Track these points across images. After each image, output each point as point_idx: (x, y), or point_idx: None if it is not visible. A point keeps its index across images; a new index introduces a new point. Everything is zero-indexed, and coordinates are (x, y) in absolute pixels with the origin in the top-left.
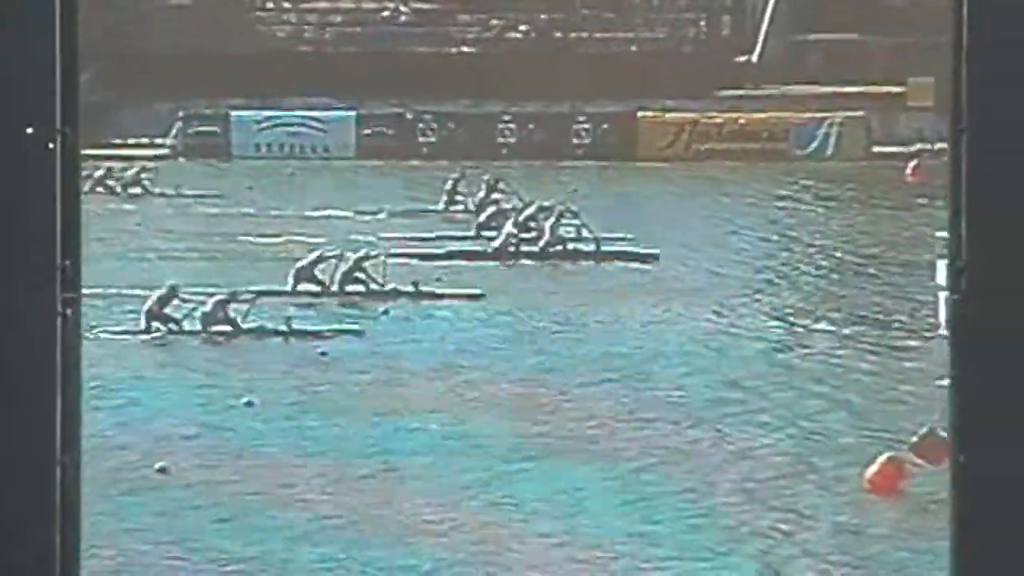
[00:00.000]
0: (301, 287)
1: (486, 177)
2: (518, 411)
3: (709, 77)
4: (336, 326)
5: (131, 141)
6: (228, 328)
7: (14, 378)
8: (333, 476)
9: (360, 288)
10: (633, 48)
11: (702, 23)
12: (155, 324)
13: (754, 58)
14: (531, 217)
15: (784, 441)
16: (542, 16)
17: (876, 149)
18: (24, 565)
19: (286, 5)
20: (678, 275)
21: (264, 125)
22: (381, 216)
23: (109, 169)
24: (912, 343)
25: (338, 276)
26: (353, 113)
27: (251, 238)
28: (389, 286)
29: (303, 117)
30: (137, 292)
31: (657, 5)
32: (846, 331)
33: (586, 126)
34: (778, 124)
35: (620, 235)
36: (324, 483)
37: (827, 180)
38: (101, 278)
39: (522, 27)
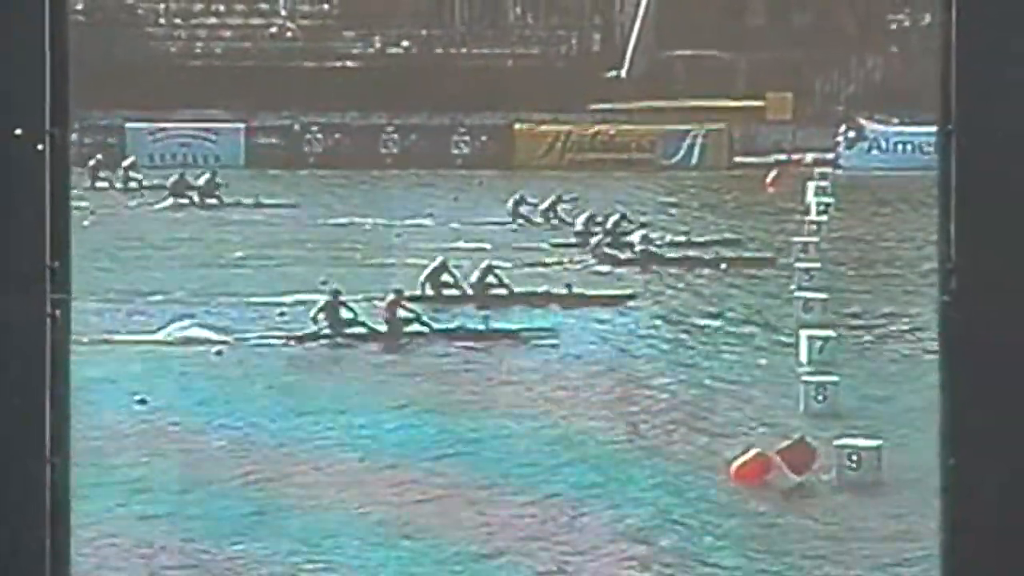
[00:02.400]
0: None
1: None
2: None
3: (581, 91)
4: (529, 325)
5: None
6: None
7: (3, 379)
8: None
9: (500, 292)
10: (509, 63)
11: (574, 41)
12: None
13: (623, 73)
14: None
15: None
16: (423, 32)
17: (737, 160)
18: (14, 565)
19: (177, 21)
20: None
21: (158, 136)
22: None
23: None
24: (779, 339)
25: (472, 280)
26: (243, 125)
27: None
28: (525, 289)
29: (195, 129)
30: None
31: (532, 23)
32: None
33: (466, 137)
34: (645, 136)
35: None
36: None
37: (692, 188)
38: None
39: (404, 43)
